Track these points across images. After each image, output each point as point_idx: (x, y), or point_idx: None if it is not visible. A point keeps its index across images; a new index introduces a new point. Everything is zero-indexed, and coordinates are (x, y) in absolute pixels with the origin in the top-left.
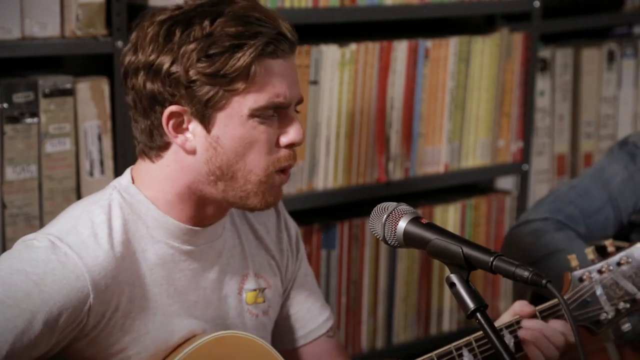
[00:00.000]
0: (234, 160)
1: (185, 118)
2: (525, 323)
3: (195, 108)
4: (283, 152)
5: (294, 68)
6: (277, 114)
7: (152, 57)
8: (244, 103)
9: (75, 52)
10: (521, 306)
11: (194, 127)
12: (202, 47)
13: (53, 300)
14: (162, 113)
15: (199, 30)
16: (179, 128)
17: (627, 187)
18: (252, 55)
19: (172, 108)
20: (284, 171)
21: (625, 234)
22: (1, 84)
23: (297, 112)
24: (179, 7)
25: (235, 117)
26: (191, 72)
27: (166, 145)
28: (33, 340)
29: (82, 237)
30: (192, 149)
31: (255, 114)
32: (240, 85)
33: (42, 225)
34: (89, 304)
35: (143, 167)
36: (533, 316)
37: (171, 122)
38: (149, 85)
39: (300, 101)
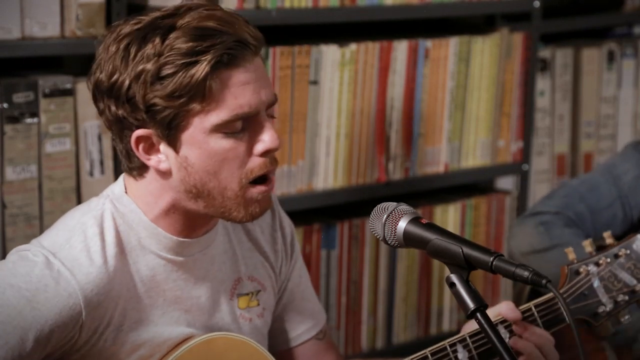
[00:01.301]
0: (207, 179)
1: (154, 140)
2: (527, 335)
3: (160, 130)
4: (257, 161)
5: (259, 71)
6: (246, 124)
7: (113, 78)
8: (206, 120)
9: (75, 52)
10: (507, 309)
11: (164, 149)
12: (155, 68)
13: (45, 318)
14: (130, 137)
15: (151, 48)
16: (151, 150)
17: (637, 185)
18: (205, 71)
19: (139, 132)
20: (264, 181)
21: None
22: (1, 84)
23: (271, 116)
24: (139, 22)
25: (200, 135)
26: (148, 96)
27: (144, 166)
28: (24, 357)
29: (75, 253)
30: (166, 170)
31: (220, 130)
32: (197, 105)
33: (42, 225)
34: (81, 321)
35: (130, 181)
36: (526, 314)
37: (141, 146)
38: (113, 109)
39: (272, 103)
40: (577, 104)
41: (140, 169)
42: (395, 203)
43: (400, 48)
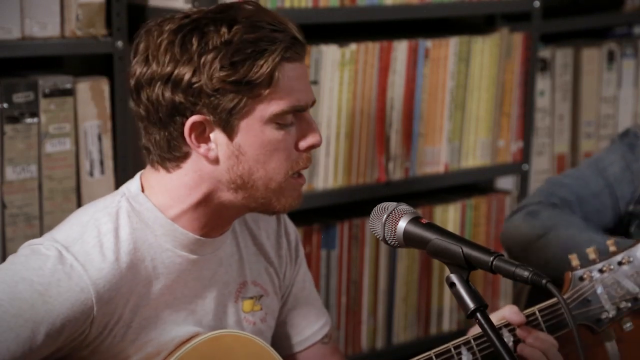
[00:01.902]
0: (255, 168)
1: (207, 127)
2: (532, 340)
3: (219, 117)
4: (301, 155)
5: (306, 71)
6: (295, 119)
7: (170, 67)
8: (267, 109)
9: (75, 52)
10: (511, 313)
11: (216, 136)
12: (224, 55)
13: (57, 312)
14: (183, 124)
15: (217, 37)
16: (201, 137)
17: (624, 176)
18: (275, 61)
19: (195, 118)
20: (299, 174)
21: (625, 226)
22: (1, 84)
23: None
24: (186, 16)
25: (258, 124)
26: (214, 81)
27: (185, 155)
28: (35, 350)
29: (88, 248)
30: (214, 158)
31: (276, 119)
32: (263, 91)
33: (42, 225)
34: (92, 316)
35: (155, 176)
36: (529, 318)
37: (194, 133)
38: (168, 95)
39: (313, 103)
40: (577, 104)
41: (178, 159)
42: (395, 203)
43: (400, 48)
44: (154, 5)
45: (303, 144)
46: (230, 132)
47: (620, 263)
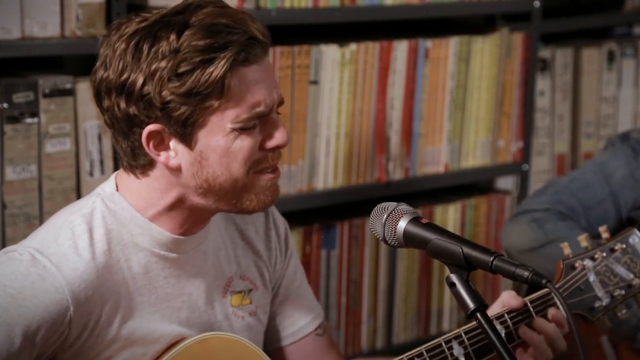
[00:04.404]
0: (219, 172)
1: (165, 136)
2: (539, 323)
3: (174, 128)
4: (265, 154)
5: (269, 70)
6: (258, 122)
7: (124, 76)
8: (224, 117)
9: (75, 52)
10: (509, 298)
11: (175, 145)
12: (172, 65)
13: (32, 314)
14: (140, 134)
15: (166, 45)
16: (161, 145)
17: (627, 184)
18: (224, 68)
19: (150, 127)
20: (273, 169)
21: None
22: (1, 84)
23: (278, 113)
24: (144, 19)
25: (217, 132)
26: (164, 93)
27: (151, 163)
28: (14, 354)
29: (62, 249)
30: (176, 166)
31: (237, 127)
32: (214, 102)
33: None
34: (69, 317)
35: (127, 179)
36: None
37: (151, 142)
38: (122, 106)
39: (281, 102)
40: (577, 104)
41: (145, 167)
42: (395, 203)
43: (400, 48)
44: (154, 5)
45: (269, 145)
46: (188, 141)
47: (612, 250)
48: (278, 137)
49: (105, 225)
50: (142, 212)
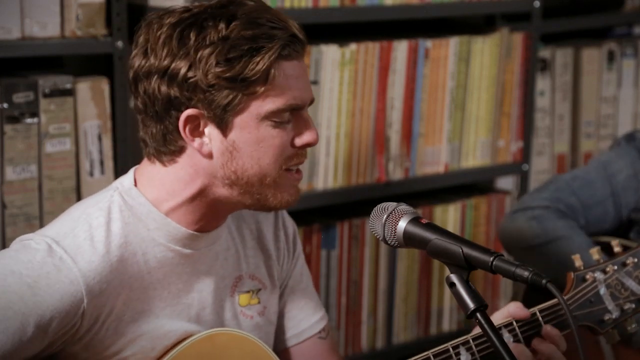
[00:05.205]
0: (249, 165)
1: (202, 122)
2: (548, 329)
3: (213, 112)
4: (296, 152)
5: (305, 69)
6: (291, 116)
7: (167, 61)
8: (262, 106)
9: (75, 52)
10: (516, 309)
11: (210, 131)
12: (220, 50)
13: (46, 304)
14: (177, 117)
15: (215, 33)
16: (195, 132)
17: (630, 185)
18: (271, 59)
19: (189, 112)
20: (297, 170)
21: (624, 230)
22: (1, 84)
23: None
24: (187, 10)
25: (253, 121)
26: (210, 77)
27: (181, 149)
28: (25, 343)
29: (79, 241)
30: (208, 153)
31: (272, 117)
32: (259, 89)
33: (42, 225)
34: (82, 309)
35: (151, 169)
36: (531, 320)
37: (188, 126)
38: (163, 89)
39: (312, 102)
40: (577, 104)
41: (174, 153)
42: (395, 203)
43: (400, 48)
44: (154, 5)
45: (299, 142)
46: (224, 128)
47: (624, 264)
48: (309, 135)
49: (123, 219)
50: (159, 206)
